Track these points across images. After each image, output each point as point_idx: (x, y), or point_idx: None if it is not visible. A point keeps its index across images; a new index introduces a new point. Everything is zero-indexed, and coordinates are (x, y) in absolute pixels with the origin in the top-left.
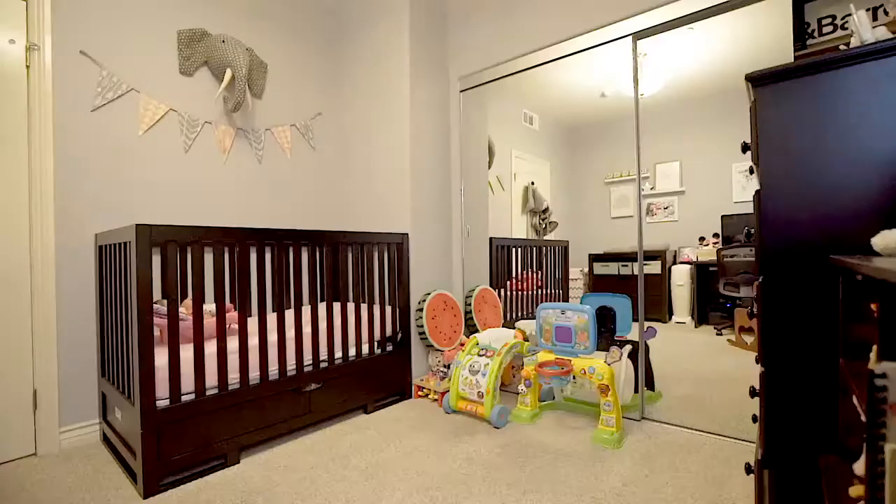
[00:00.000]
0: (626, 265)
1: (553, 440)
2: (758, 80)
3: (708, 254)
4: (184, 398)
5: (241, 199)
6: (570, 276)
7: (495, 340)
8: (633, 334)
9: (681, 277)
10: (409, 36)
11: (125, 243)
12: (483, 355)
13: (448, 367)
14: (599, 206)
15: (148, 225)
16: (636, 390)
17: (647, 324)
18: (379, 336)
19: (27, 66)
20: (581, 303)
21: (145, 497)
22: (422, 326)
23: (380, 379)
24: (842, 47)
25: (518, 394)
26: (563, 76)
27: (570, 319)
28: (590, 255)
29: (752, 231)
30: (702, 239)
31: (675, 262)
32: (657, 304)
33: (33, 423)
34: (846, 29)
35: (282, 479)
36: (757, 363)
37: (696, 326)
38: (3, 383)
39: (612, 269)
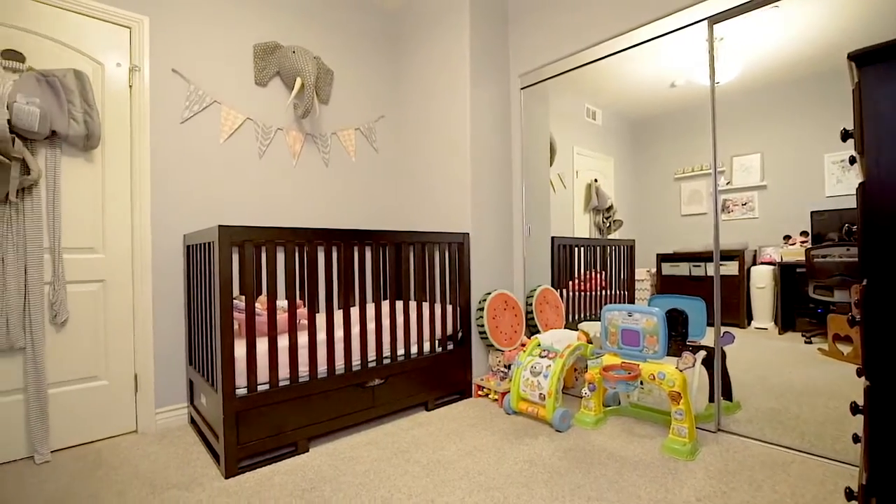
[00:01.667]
0: (699, 265)
1: (619, 447)
2: (864, 59)
3: (794, 253)
4: (259, 388)
5: (309, 201)
6: (636, 277)
7: (557, 342)
8: (708, 340)
9: (762, 279)
10: (470, 34)
11: (209, 243)
12: (545, 356)
13: (508, 367)
14: (668, 204)
15: (229, 226)
16: (711, 399)
17: (723, 329)
18: (440, 335)
19: (130, 86)
20: (649, 305)
21: (227, 477)
22: (482, 326)
23: (440, 377)
24: None
25: (581, 397)
26: (628, 68)
27: (638, 322)
28: (658, 254)
29: (853, 228)
30: (787, 237)
31: (755, 263)
32: (734, 308)
33: (134, 404)
34: None
35: (347, 470)
36: (859, 376)
37: (780, 333)
38: (111, 368)
39: (682, 269)
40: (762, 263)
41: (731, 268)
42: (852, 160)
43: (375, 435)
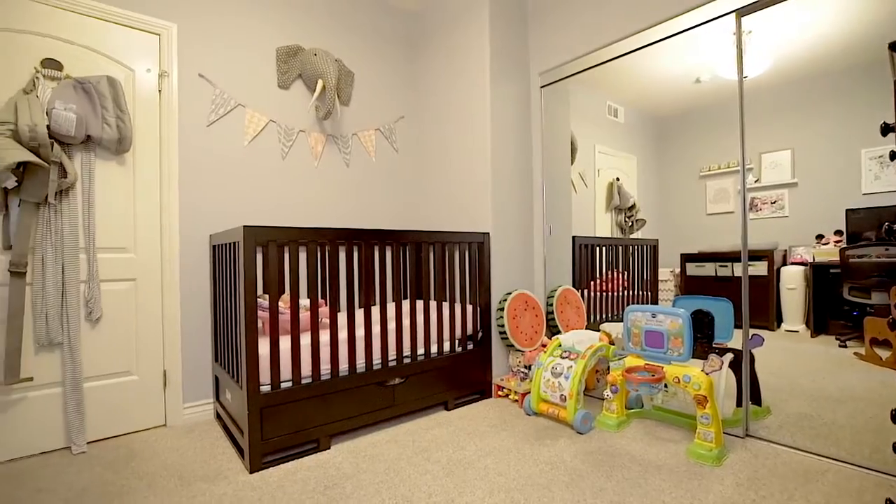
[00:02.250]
0: (725, 265)
1: (642, 451)
2: None
3: (828, 253)
4: (282, 385)
5: (330, 201)
6: (660, 278)
7: (578, 343)
8: (735, 342)
9: (793, 280)
10: (490, 34)
11: (234, 243)
12: (566, 357)
13: (529, 368)
14: (693, 202)
15: (253, 226)
16: (739, 404)
17: (751, 331)
18: (460, 334)
19: (159, 91)
20: (673, 306)
21: (251, 472)
22: (502, 326)
23: (460, 377)
24: None
25: (603, 399)
26: (651, 64)
27: (662, 323)
28: (682, 254)
29: (895, 227)
30: (820, 237)
31: (784, 263)
32: (763, 310)
33: (163, 399)
34: None
35: (368, 468)
36: None
37: (812, 336)
38: (142, 364)
39: (707, 269)
40: (793, 264)
41: (759, 268)
42: (893, 155)
43: (396, 433)
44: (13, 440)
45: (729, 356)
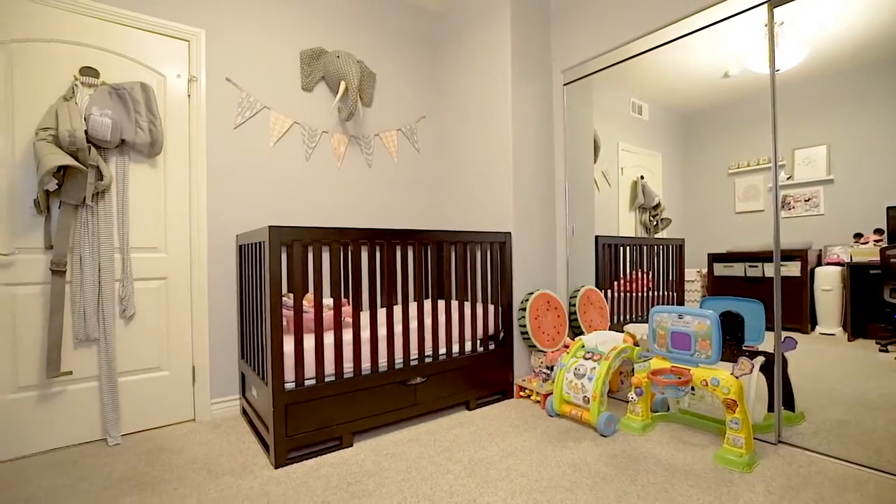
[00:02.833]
0: (755, 266)
1: (668, 455)
2: None
3: (867, 253)
4: (306, 382)
5: (353, 201)
6: (686, 278)
7: (602, 343)
8: (766, 345)
9: (828, 281)
10: (511, 33)
11: (260, 243)
12: (589, 359)
13: (551, 368)
14: (721, 201)
15: (278, 227)
16: (771, 409)
17: (784, 333)
18: (481, 334)
19: (188, 95)
20: (700, 307)
21: (276, 467)
22: (524, 326)
23: (482, 377)
24: None
25: (627, 402)
26: (677, 59)
27: (689, 325)
28: (709, 254)
29: None
30: (858, 236)
31: (819, 263)
32: (796, 312)
33: (192, 394)
34: None
35: (390, 466)
36: None
37: (849, 340)
38: (172, 360)
39: (736, 270)
40: (828, 264)
41: (792, 268)
42: None
43: (417, 432)
44: (55, 431)
45: (760, 359)
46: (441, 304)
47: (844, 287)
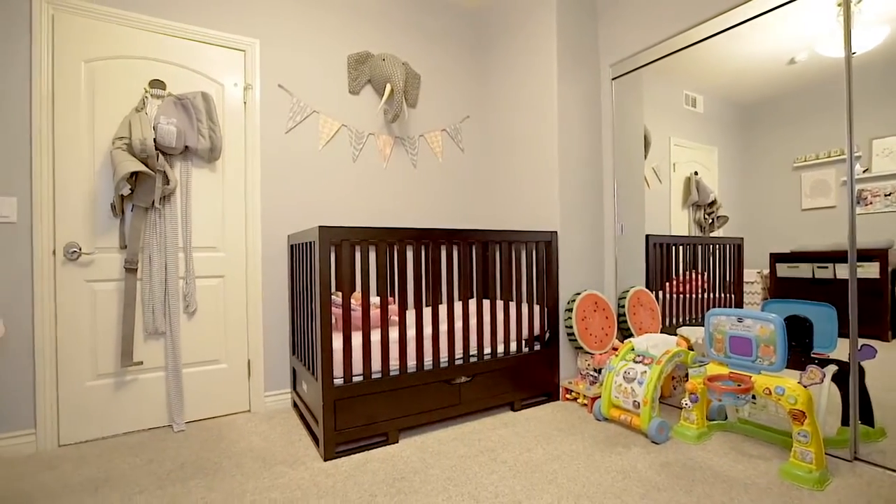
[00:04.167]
0: (825, 266)
1: (726, 466)
2: None
3: None
4: (354, 378)
5: (398, 201)
6: (745, 279)
7: (653, 347)
8: (839, 353)
9: None
10: (557, 27)
11: (310, 243)
12: (639, 362)
13: (598, 371)
14: (785, 196)
15: (328, 227)
16: (845, 423)
17: (860, 340)
18: (526, 335)
19: (244, 103)
20: (762, 310)
21: (325, 460)
22: (570, 327)
23: (527, 378)
24: None
25: (680, 408)
26: (735, 47)
27: (750, 329)
28: (771, 254)
29: None
30: None
31: None
32: (874, 318)
33: (248, 386)
34: None
35: (435, 463)
36: None
37: None
38: (230, 354)
39: (802, 271)
40: None
41: (869, 270)
42: None
43: (462, 431)
44: (128, 416)
45: (832, 368)
46: (486, 303)
47: None
